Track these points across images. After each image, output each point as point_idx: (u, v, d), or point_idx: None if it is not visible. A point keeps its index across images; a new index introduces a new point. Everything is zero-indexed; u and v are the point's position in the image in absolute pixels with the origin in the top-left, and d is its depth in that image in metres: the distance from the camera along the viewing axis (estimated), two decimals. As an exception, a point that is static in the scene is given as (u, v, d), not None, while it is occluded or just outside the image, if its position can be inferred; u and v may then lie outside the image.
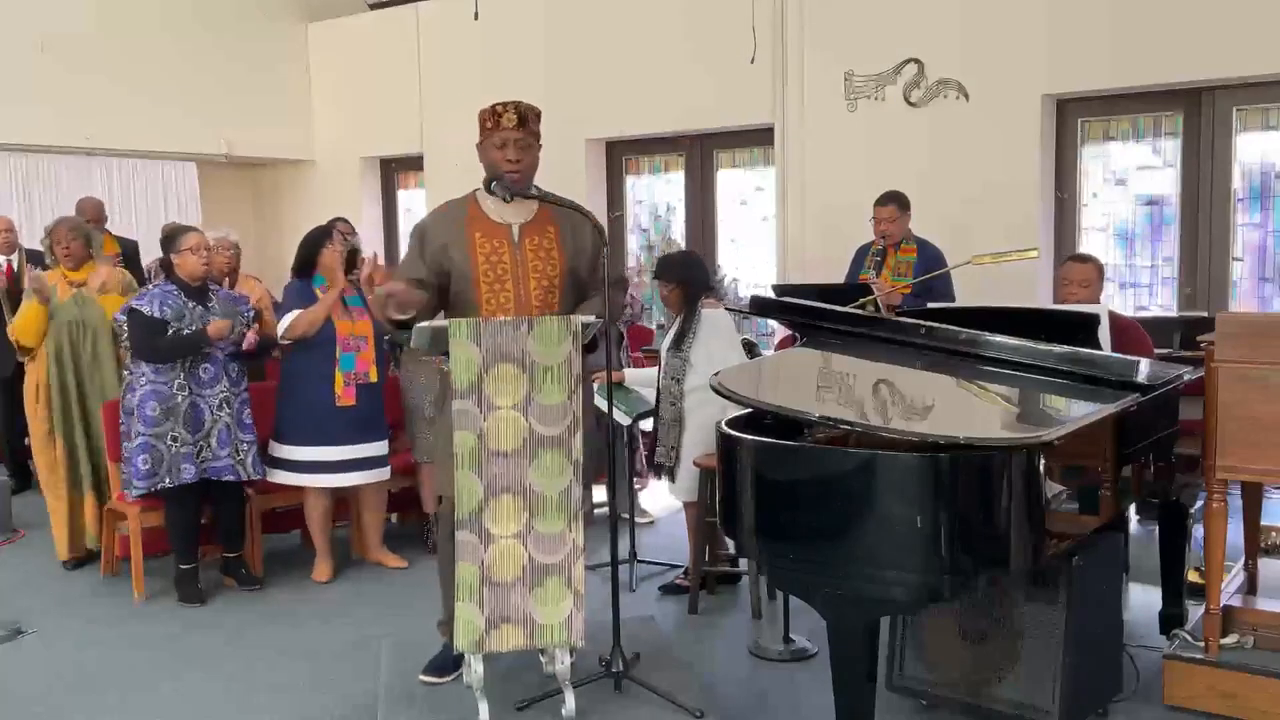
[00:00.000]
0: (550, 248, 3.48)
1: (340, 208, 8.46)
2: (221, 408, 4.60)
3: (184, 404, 4.51)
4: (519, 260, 3.44)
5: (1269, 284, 5.83)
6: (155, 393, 4.49)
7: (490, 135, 3.43)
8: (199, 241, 4.63)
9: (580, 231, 3.54)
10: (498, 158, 3.41)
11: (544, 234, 3.48)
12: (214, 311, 4.63)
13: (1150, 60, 5.71)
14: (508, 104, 3.42)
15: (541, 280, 3.45)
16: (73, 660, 4.12)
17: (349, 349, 4.73)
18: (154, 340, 4.49)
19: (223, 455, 4.59)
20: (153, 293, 4.61)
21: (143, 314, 4.50)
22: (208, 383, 4.58)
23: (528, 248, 3.46)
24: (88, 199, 7.09)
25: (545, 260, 3.46)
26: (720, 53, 7.05)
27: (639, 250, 8.06)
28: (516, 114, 3.40)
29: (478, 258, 3.43)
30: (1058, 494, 2.91)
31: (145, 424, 4.47)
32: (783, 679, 3.81)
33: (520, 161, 3.40)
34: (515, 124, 3.39)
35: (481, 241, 3.44)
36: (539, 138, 3.48)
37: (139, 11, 8.33)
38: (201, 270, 4.62)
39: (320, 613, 4.57)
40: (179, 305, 4.55)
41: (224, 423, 4.60)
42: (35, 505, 6.04)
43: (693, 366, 4.34)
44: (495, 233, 3.46)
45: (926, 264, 5.19)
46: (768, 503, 2.86)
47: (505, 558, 3.26)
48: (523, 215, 3.49)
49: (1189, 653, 3.42)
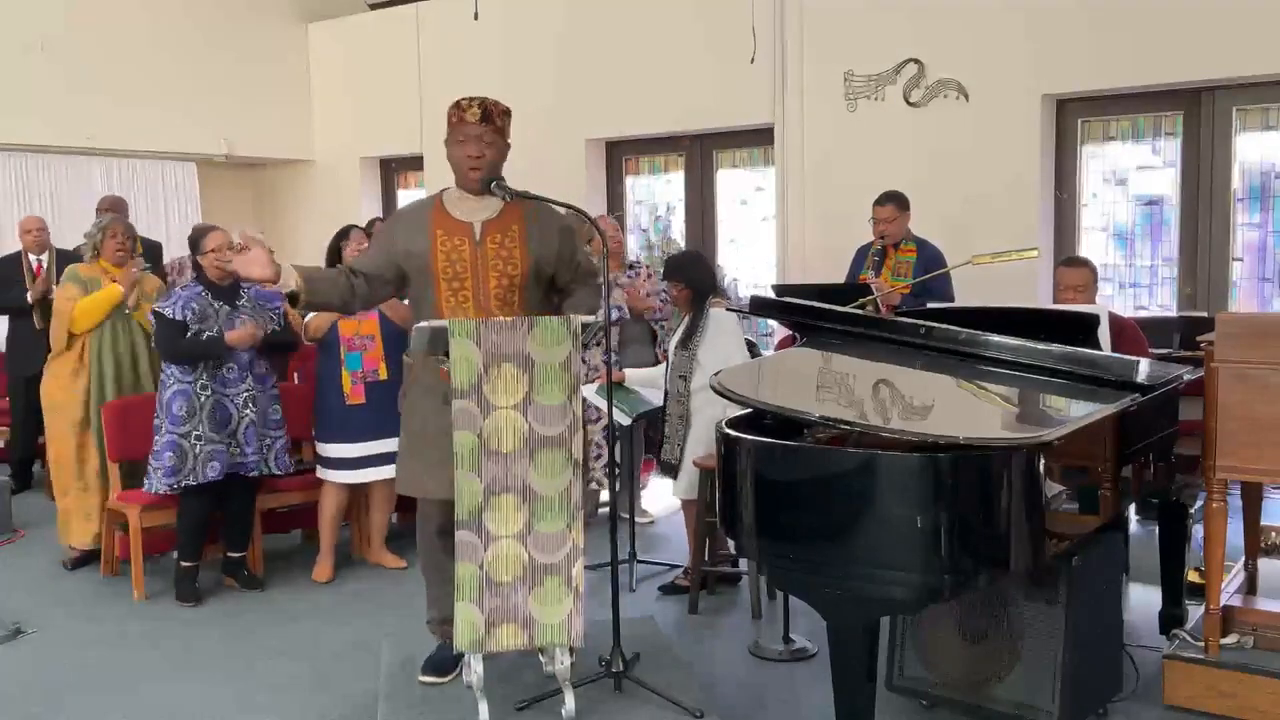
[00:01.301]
0: (513, 246, 3.46)
1: (340, 208, 8.49)
2: (247, 405, 4.63)
3: (208, 403, 4.55)
4: (479, 258, 3.43)
5: (1269, 284, 5.83)
6: (181, 392, 4.54)
7: (454, 131, 3.42)
8: (219, 241, 4.65)
9: (549, 228, 3.53)
10: (459, 154, 3.41)
11: (507, 232, 3.46)
12: (243, 310, 4.66)
13: (1150, 60, 5.71)
14: (472, 99, 3.41)
15: (501, 279, 3.43)
16: (73, 660, 4.12)
17: (354, 348, 4.76)
18: (174, 342, 4.54)
19: (250, 452, 4.64)
20: (179, 294, 4.64)
21: (165, 316, 4.55)
22: (233, 381, 4.62)
23: (489, 245, 3.44)
24: (112, 197, 7.06)
25: (506, 260, 3.44)
26: (720, 53, 7.05)
27: (639, 250, 8.06)
28: (480, 110, 3.39)
29: (438, 254, 3.43)
30: (1058, 494, 2.91)
31: (173, 422, 4.51)
32: (783, 679, 3.81)
33: (482, 157, 3.39)
34: (478, 119, 3.38)
35: (443, 239, 3.44)
36: (505, 135, 3.46)
37: (139, 12, 8.33)
38: (219, 271, 4.65)
39: (320, 613, 4.57)
40: (204, 306, 4.58)
41: (250, 419, 4.63)
42: (35, 505, 6.05)
43: (700, 365, 4.34)
44: (457, 230, 3.45)
45: (926, 264, 5.19)
46: (768, 503, 2.86)
47: (505, 558, 3.26)
48: (486, 213, 3.48)
49: (1189, 653, 3.42)
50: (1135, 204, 6.15)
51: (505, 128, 3.46)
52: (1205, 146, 5.84)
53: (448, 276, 3.43)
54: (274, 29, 9.22)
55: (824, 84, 6.73)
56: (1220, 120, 5.80)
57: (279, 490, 4.99)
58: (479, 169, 3.40)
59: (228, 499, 4.73)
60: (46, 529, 5.33)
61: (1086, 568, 3.12)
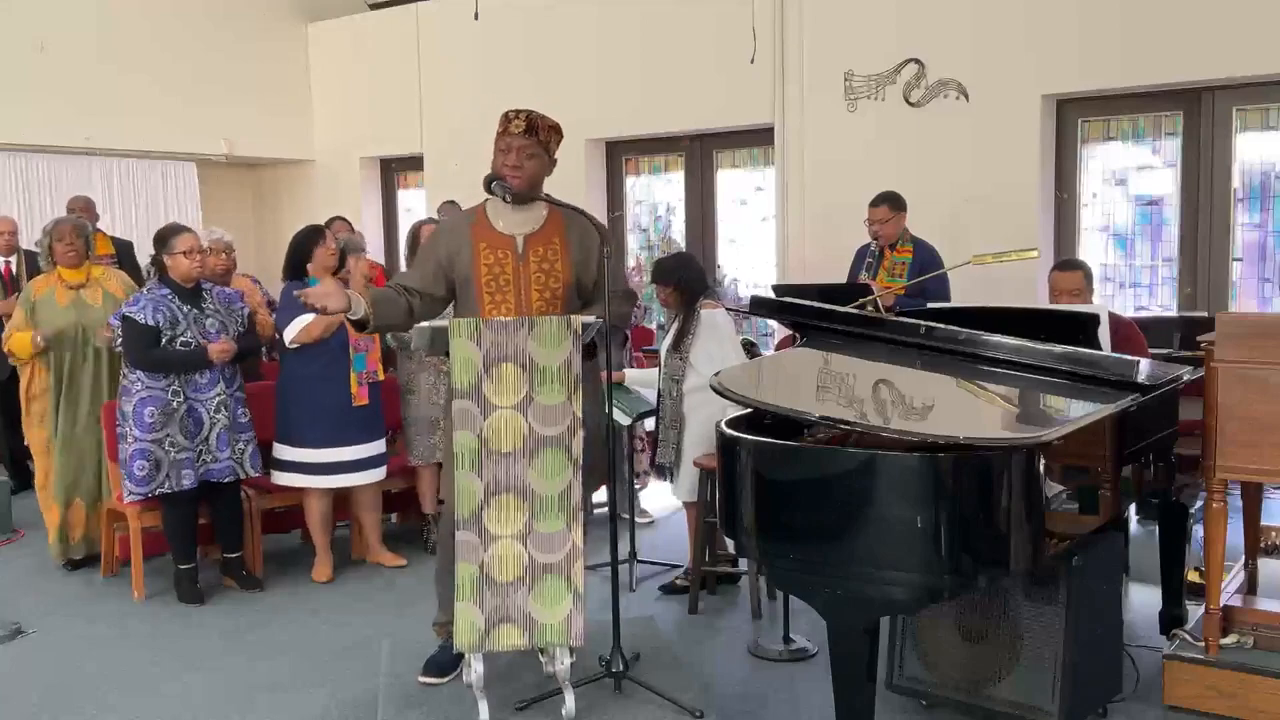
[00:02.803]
0: (555, 259, 3.48)
1: (340, 208, 8.49)
2: (219, 410, 4.59)
3: (180, 409, 4.50)
4: (522, 272, 3.45)
5: (1269, 284, 5.83)
6: (151, 398, 4.47)
7: (499, 139, 3.45)
8: (192, 243, 4.59)
9: (587, 239, 3.54)
10: (500, 162, 3.43)
11: (549, 245, 3.49)
12: (210, 313, 4.62)
13: (1150, 60, 5.71)
14: (520, 111, 3.45)
15: (544, 292, 3.46)
16: (73, 660, 4.12)
17: (360, 349, 4.75)
18: (147, 351, 4.46)
19: (223, 457, 4.60)
20: (146, 298, 4.55)
21: (136, 322, 4.46)
22: (204, 387, 4.56)
23: (532, 259, 3.46)
24: (79, 197, 7.08)
25: (549, 273, 3.47)
26: (720, 53, 7.05)
27: (639, 250, 8.06)
28: (525, 122, 3.43)
29: (481, 268, 3.45)
30: (1058, 494, 2.91)
31: (142, 429, 4.45)
32: (783, 679, 3.80)
33: (520, 168, 3.41)
34: (522, 130, 3.41)
35: (485, 252, 3.46)
36: (549, 150, 3.48)
37: (139, 11, 8.33)
38: (195, 272, 4.60)
39: (320, 613, 4.57)
40: (173, 311, 4.51)
41: (221, 424, 4.59)
42: (35, 505, 6.02)
43: (692, 367, 4.34)
44: (500, 243, 3.47)
45: (922, 265, 5.18)
46: (768, 503, 2.86)
47: (505, 558, 3.26)
48: (529, 226, 3.49)
49: (1189, 653, 3.42)
50: (1135, 204, 6.15)
51: (550, 143, 3.48)
52: (1205, 146, 5.84)
53: (491, 290, 3.45)
54: (274, 29, 9.22)
55: (824, 84, 6.72)
56: (1220, 120, 5.80)
57: (278, 490, 4.96)
58: (518, 177, 3.41)
59: (212, 502, 4.71)
60: (46, 529, 5.32)
61: (1086, 568, 3.12)
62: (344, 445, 4.75)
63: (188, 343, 4.51)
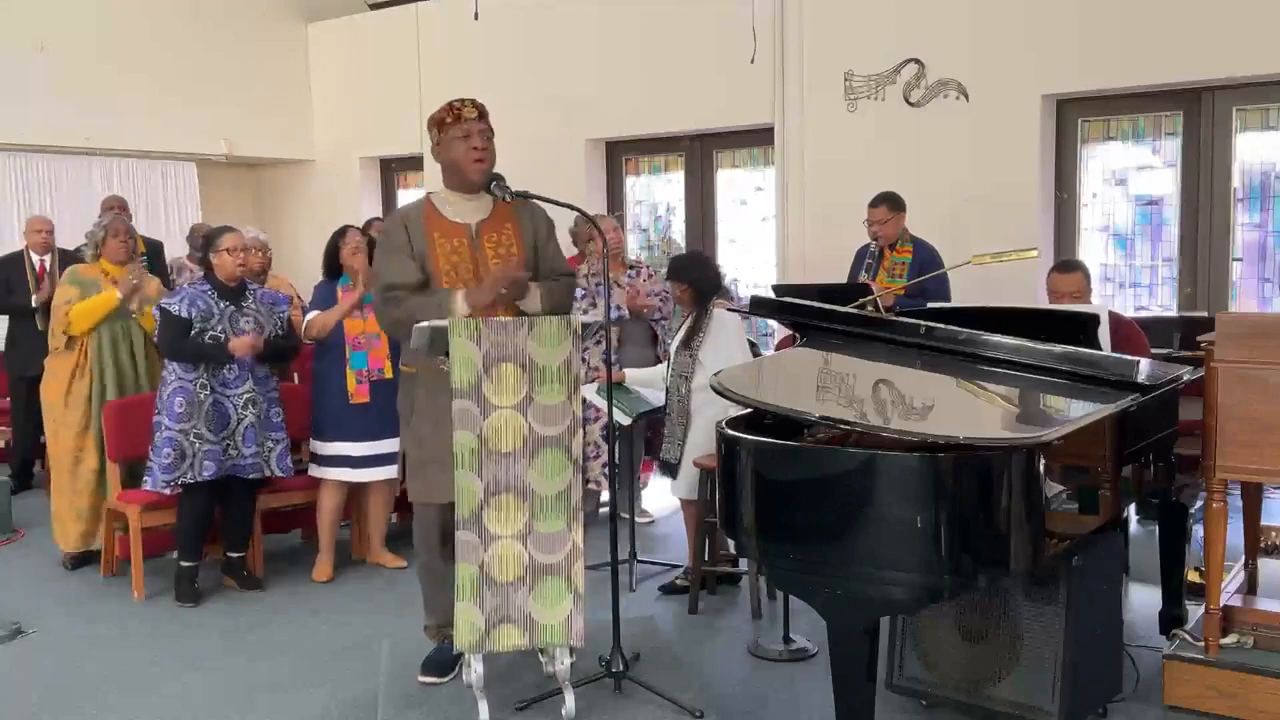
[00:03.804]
0: (510, 244, 3.52)
1: (340, 208, 8.49)
2: (247, 407, 4.62)
3: (206, 402, 4.55)
4: (479, 259, 3.48)
5: (1269, 284, 5.83)
6: (182, 389, 4.55)
7: (450, 129, 3.47)
8: (236, 242, 4.67)
9: (537, 221, 3.60)
10: (463, 149, 3.44)
11: (502, 230, 3.53)
12: (248, 311, 4.66)
13: (1150, 60, 5.71)
14: (464, 100, 3.49)
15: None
16: (73, 660, 4.12)
17: (359, 347, 4.77)
18: (177, 340, 4.55)
19: (249, 454, 4.63)
20: (186, 291, 4.66)
21: (170, 313, 4.56)
22: (232, 382, 4.62)
23: (487, 246, 3.50)
24: (115, 197, 7.07)
25: (504, 258, 3.49)
26: (720, 53, 7.05)
27: (639, 250, 8.06)
28: (475, 108, 3.47)
29: (439, 257, 3.47)
30: (1058, 494, 2.91)
31: (172, 419, 4.52)
32: (783, 679, 3.80)
33: (486, 150, 3.46)
34: (475, 116, 3.46)
35: (441, 241, 3.48)
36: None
37: (139, 11, 8.33)
38: (237, 271, 4.66)
39: (320, 613, 4.57)
40: (209, 305, 4.58)
41: (249, 421, 4.62)
42: (35, 505, 6.05)
43: (702, 365, 4.35)
44: (454, 232, 3.50)
45: (922, 265, 5.18)
46: (768, 503, 2.86)
47: (505, 558, 3.26)
48: (480, 214, 3.53)
49: (1189, 653, 3.42)
50: (1135, 204, 6.15)
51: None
52: (1205, 146, 5.84)
53: (451, 279, 3.46)
54: (274, 29, 9.22)
55: (824, 84, 6.72)
56: (1220, 120, 5.80)
57: (279, 490, 4.99)
58: (484, 160, 3.45)
59: (227, 499, 4.73)
60: (46, 529, 5.33)
61: (1086, 568, 3.12)
62: (351, 440, 4.81)
63: (216, 337, 4.56)
